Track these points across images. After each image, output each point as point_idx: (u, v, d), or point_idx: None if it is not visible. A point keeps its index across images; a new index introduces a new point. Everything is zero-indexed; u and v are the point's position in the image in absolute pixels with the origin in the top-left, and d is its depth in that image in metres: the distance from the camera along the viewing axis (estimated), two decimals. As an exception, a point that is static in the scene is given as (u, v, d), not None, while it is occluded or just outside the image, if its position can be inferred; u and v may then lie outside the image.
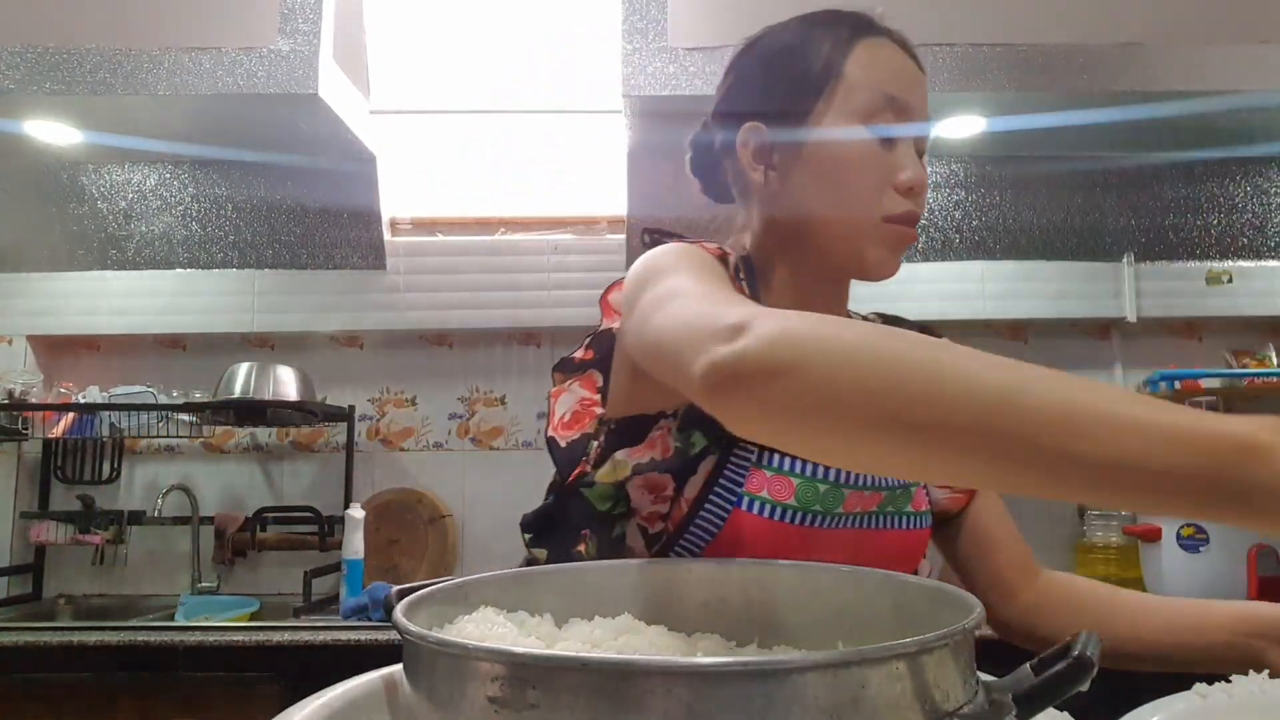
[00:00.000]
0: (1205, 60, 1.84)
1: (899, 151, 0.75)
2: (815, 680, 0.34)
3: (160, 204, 2.33)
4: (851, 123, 0.75)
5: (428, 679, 0.40)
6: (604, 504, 0.76)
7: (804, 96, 0.76)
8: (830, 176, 0.75)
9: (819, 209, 0.76)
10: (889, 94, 0.74)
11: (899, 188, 0.74)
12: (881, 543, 0.78)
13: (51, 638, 1.74)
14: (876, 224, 0.74)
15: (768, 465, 0.73)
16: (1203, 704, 0.63)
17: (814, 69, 0.76)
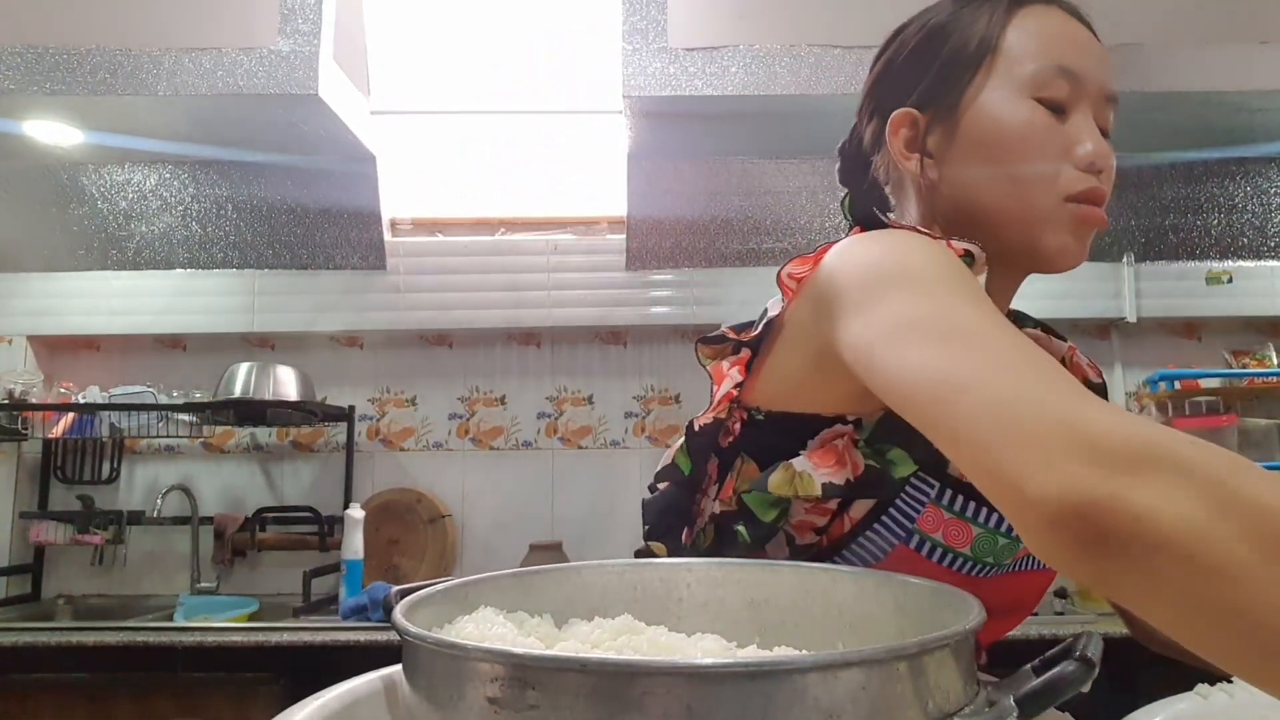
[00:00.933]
0: (1205, 60, 1.84)
1: (1075, 124, 0.67)
2: (815, 680, 0.34)
3: (160, 204, 2.33)
4: (1014, 94, 0.67)
5: (427, 679, 0.40)
6: (768, 514, 0.66)
7: (959, 74, 0.69)
8: (996, 156, 0.67)
9: (987, 193, 0.68)
10: (1059, 64, 0.67)
11: (1078, 163, 0.66)
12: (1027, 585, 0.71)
13: (51, 638, 1.74)
14: (1056, 205, 0.66)
15: (947, 505, 0.63)
16: (1204, 704, 0.64)
17: (969, 44, 0.69)
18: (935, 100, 0.70)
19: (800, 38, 1.83)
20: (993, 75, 0.68)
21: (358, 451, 2.43)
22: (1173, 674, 0.75)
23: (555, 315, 2.43)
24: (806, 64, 1.82)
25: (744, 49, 1.82)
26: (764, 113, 1.91)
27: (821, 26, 1.84)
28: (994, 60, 0.68)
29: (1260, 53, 1.84)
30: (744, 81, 1.81)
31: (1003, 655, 0.65)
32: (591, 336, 2.52)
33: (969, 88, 0.68)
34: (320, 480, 2.46)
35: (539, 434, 2.47)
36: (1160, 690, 0.65)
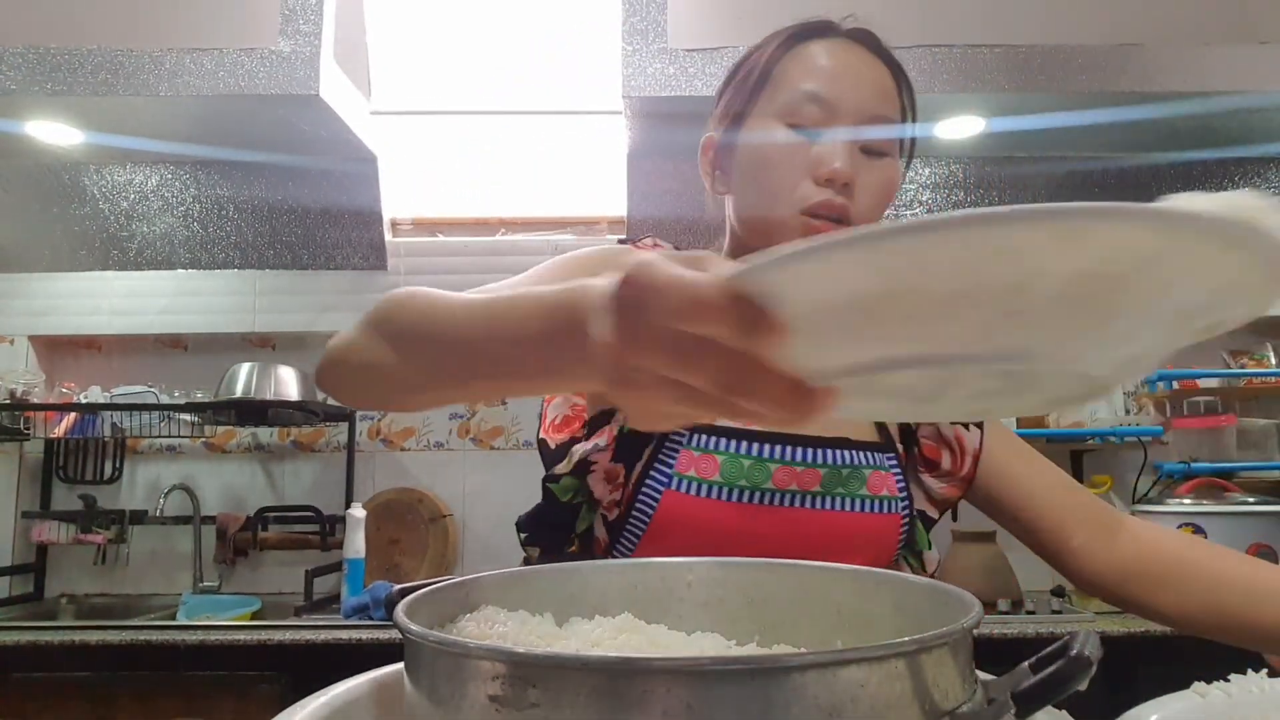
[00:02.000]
0: (1204, 61, 1.84)
1: (823, 145, 0.76)
2: (815, 679, 0.34)
3: (162, 204, 2.33)
4: (772, 121, 0.78)
5: (429, 678, 0.40)
6: (565, 495, 0.79)
7: (741, 101, 0.81)
8: (752, 173, 0.79)
9: (747, 205, 0.80)
10: (811, 91, 0.77)
11: (817, 178, 0.75)
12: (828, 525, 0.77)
13: (53, 637, 1.74)
14: (791, 216, 0.76)
15: (695, 445, 0.75)
16: (1202, 703, 0.64)
17: (751, 75, 0.81)
18: (724, 125, 0.82)
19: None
20: (760, 102, 0.79)
21: (359, 451, 2.43)
22: (1170, 672, 0.76)
23: (556, 315, 2.43)
24: (806, 64, 1.82)
25: (743, 49, 1.82)
26: (764, 113, 1.91)
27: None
28: (764, 90, 0.79)
29: (1260, 53, 1.85)
30: (744, 82, 1.82)
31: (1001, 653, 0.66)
32: (592, 336, 2.52)
33: (745, 114, 0.80)
34: (322, 480, 2.47)
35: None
36: (1157, 688, 0.65)
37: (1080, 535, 0.83)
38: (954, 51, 1.85)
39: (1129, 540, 0.83)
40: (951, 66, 1.84)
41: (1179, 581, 0.80)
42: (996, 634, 1.73)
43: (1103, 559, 0.83)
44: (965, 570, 2.01)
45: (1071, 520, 0.84)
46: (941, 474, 0.86)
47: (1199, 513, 1.90)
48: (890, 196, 0.80)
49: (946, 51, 1.84)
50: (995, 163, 2.28)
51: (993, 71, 1.84)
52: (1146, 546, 0.82)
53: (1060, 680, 0.37)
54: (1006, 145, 2.17)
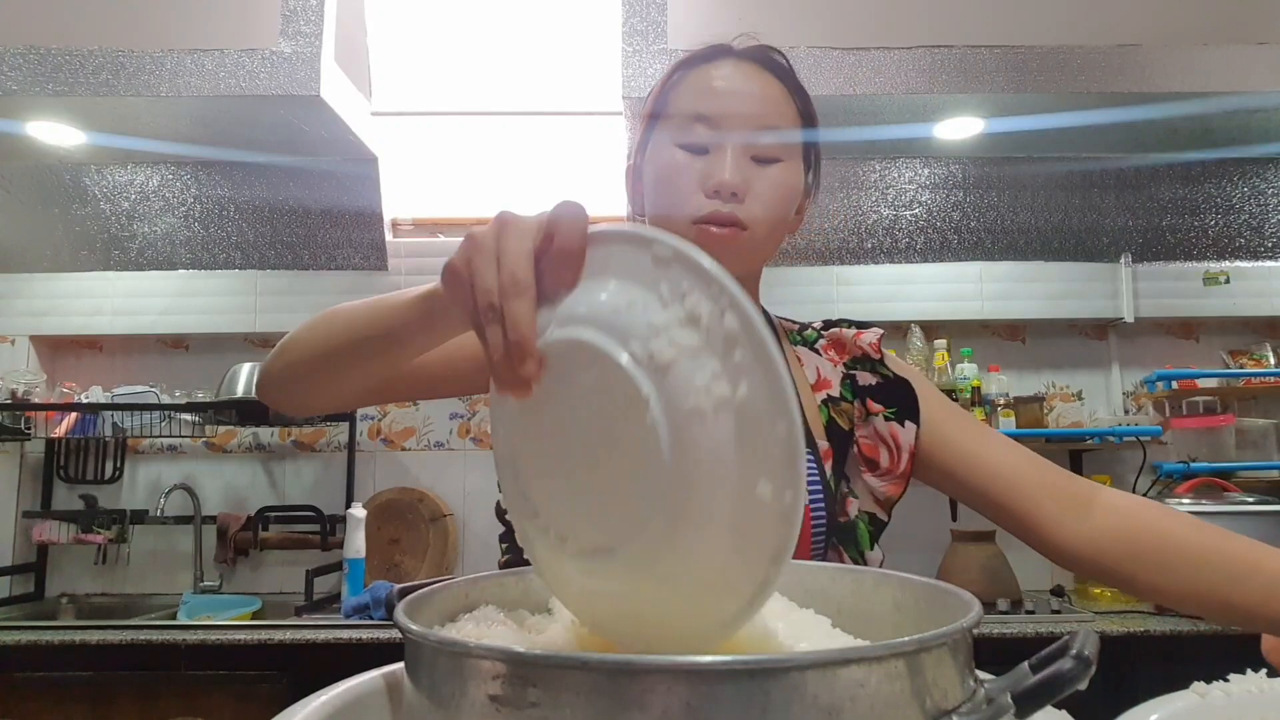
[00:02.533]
0: (1202, 61, 1.85)
1: (712, 160, 0.81)
2: (814, 678, 0.34)
3: (163, 205, 2.33)
4: (667, 144, 0.83)
5: (429, 677, 0.40)
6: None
7: (643, 131, 0.88)
8: (654, 192, 0.86)
9: (655, 223, 0.84)
10: (696, 111, 0.82)
11: (707, 191, 0.80)
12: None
13: (54, 636, 1.74)
14: (686, 227, 0.81)
15: None
16: (1201, 702, 0.64)
17: (650, 104, 0.88)
18: (638, 150, 0.89)
19: (800, 38, 1.83)
20: (659, 129, 0.85)
21: (359, 451, 2.43)
22: (1170, 672, 0.76)
23: (556, 315, 2.43)
24: (806, 64, 1.82)
25: (744, 50, 1.82)
26: (764, 113, 1.91)
27: (821, 27, 1.85)
28: (660, 117, 0.85)
29: (1259, 53, 1.85)
30: (744, 82, 1.82)
31: (1000, 653, 0.66)
32: (592, 336, 2.52)
33: (647, 142, 0.87)
34: (322, 480, 2.47)
35: (540, 434, 2.47)
36: (1157, 688, 0.65)
37: (1050, 508, 0.82)
38: (954, 51, 1.85)
39: (1104, 512, 0.81)
40: (951, 66, 1.84)
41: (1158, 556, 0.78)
42: (996, 634, 1.73)
43: (1073, 531, 0.81)
44: (965, 570, 2.01)
45: (1040, 493, 0.82)
46: (881, 472, 0.87)
47: (1198, 512, 1.90)
48: (785, 199, 0.83)
49: (946, 51, 1.85)
50: (995, 163, 2.28)
51: (993, 71, 1.85)
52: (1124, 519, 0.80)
53: (1060, 680, 0.37)
54: (1006, 145, 2.17)
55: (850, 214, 2.36)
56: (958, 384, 2.33)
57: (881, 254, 2.43)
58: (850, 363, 0.91)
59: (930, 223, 2.39)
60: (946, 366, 2.35)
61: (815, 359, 0.92)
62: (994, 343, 2.51)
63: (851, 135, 2.02)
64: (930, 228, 2.40)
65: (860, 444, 0.88)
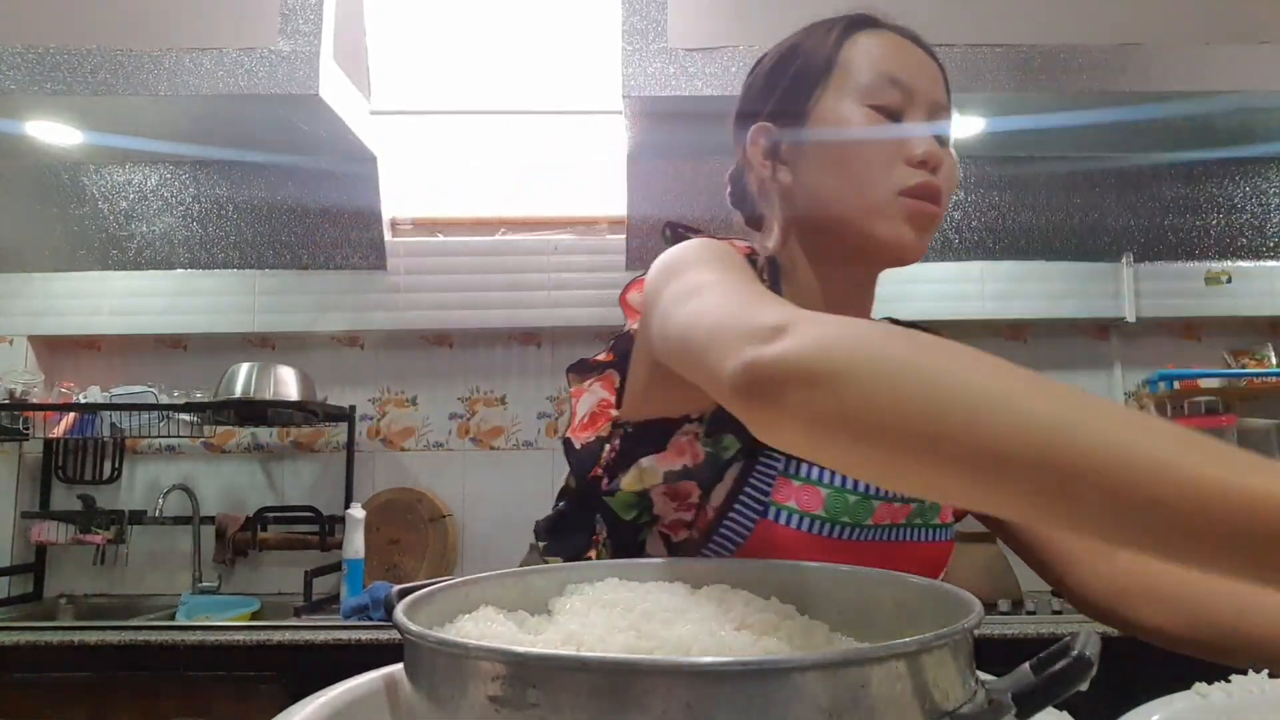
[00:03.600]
0: (1204, 60, 1.84)
1: (905, 129, 0.74)
2: (815, 679, 0.34)
3: (161, 204, 2.33)
4: (853, 105, 0.74)
5: (428, 678, 0.40)
6: (628, 513, 0.73)
7: (805, 88, 0.77)
8: (838, 158, 0.75)
9: (831, 191, 0.75)
10: (891, 75, 0.74)
11: (910, 160, 0.73)
12: (909, 555, 0.75)
13: (52, 637, 1.74)
14: (890, 198, 0.72)
15: (795, 474, 0.70)
16: (1203, 703, 0.64)
17: (813, 62, 0.77)
18: (786, 111, 0.78)
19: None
20: (832, 88, 0.76)
21: (358, 451, 2.43)
22: (1171, 672, 0.76)
23: (555, 315, 2.43)
24: (806, 64, 1.82)
25: (744, 49, 1.82)
26: (764, 113, 1.91)
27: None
28: (833, 75, 0.76)
29: (1260, 53, 1.84)
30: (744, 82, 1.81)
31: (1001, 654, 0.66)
32: (592, 336, 2.52)
33: (814, 98, 0.76)
34: (321, 480, 2.47)
35: (539, 434, 2.47)
36: (1158, 689, 0.65)
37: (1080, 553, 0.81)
38: (954, 51, 1.85)
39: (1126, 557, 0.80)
40: (951, 66, 1.82)
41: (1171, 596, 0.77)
42: (997, 634, 1.73)
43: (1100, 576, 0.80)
44: (966, 570, 2.01)
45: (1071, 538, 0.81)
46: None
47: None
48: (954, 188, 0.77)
49: (947, 51, 1.83)
50: (995, 163, 2.28)
51: (993, 71, 1.84)
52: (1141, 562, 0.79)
53: (1061, 681, 0.37)
54: (1007, 145, 2.17)
55: (850, 214, 2.36)
56: (958, 384, 2.32)
57: (881, 254, 2.43)
58: None
59: (930, 222, 2.39)
60: (946, 366, 2.35)
61: None
62: (995, 343, 2.51)
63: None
64: (930, 227, 2.40)
65: None
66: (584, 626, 0.46)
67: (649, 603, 0.48)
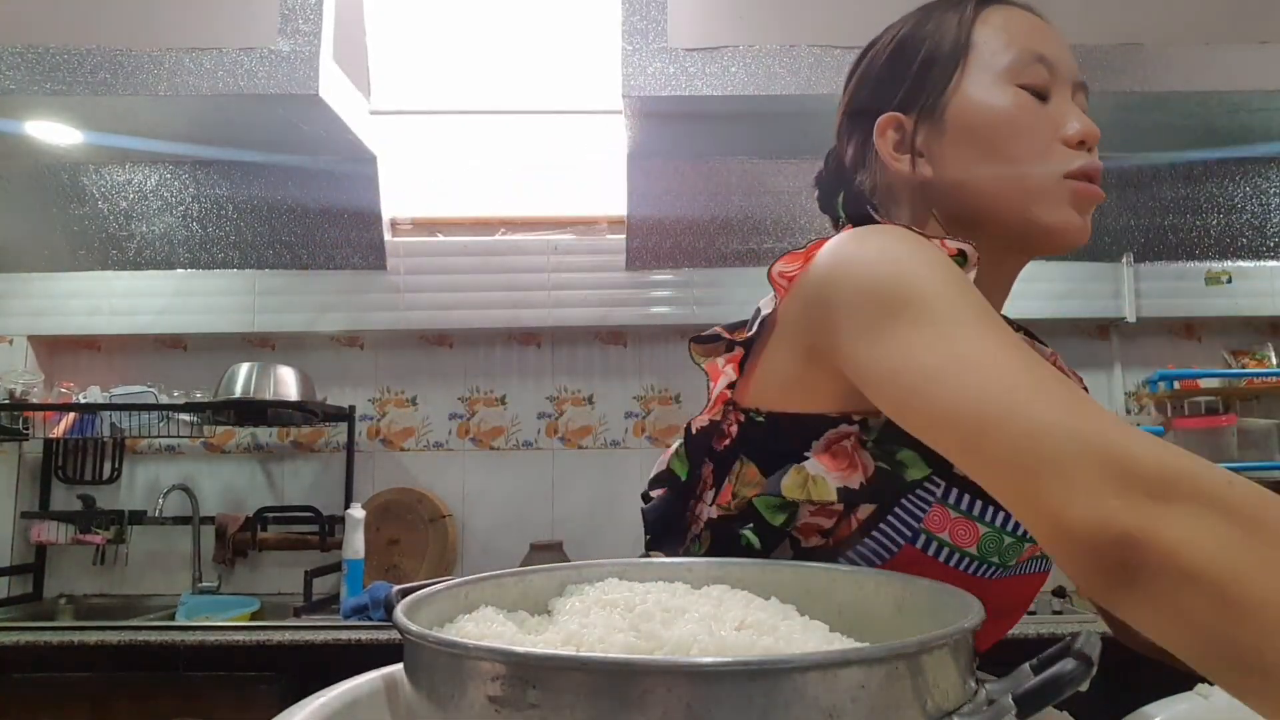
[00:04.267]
0: (1204, 60, 1.84)
1: (1058, 106, 0.69)
2: (815, 679, 0.34)
3: (161, 204, 2.33)
4: (1001, 84, 0.69)
5: (428, 678, 0.40)
6: (777, 517, 0.65)
7: (940, 73, 0.71)
8: (989, 141, 0.69)
9: (985, 179, 0.69)
10: (1035, 51, 0.70)
11: (1069, 140, 0.68)
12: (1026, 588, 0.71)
13: (52, 637, 1.74)
14: (1055, 182, 0.67)
15: (953, 504, 0.63)
16: (1205, 704, 0.64)
17: (944, 45, 0.71)
18: (918, 100, 0.71)
19: (799, 38, 1.83)
20: (971, 70, 0.70)
21: (358, 451, 2.43)
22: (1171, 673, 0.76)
23: (555, 315, 2.43)
24: (806, 64, 1.82)
25: (744, 49, 1.82)
26: (764, 113, 1.91)
27: (820, 26, 1.84)
28: (970, 56, 0.70)
29: (1260, 53, 1.85)
30: (744, 82, 1.82)
31: (1001, 653, 0.66)
32: (592, 336, 2.52)
33: (950, 84, 0.70)
34: (321, 480, 2.47)
35: (539, 434, 2.47)
36: (1159, 690, 0.65)
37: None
38: (954, 51, 1.85)
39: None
40: (951, 66, 1.84)
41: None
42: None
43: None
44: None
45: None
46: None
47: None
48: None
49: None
50: (995, 163, 2.28)
51: (993, 71, 1.84)
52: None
53: (1061, 681, 0.37)
54: (1006, 145, 2.17)
55: (850, 214, 2.36)
56: (958, 384, 2.32)
57: (881, 254, 2.43)
58: None
59: (930, 222, 2.39)
60: (946, 366, 2.35)
61: None
62: (994, 343, 2.51)
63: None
64: (930, 227, 2.40)
65: None
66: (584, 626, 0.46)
67: (649, 603, 0.48)
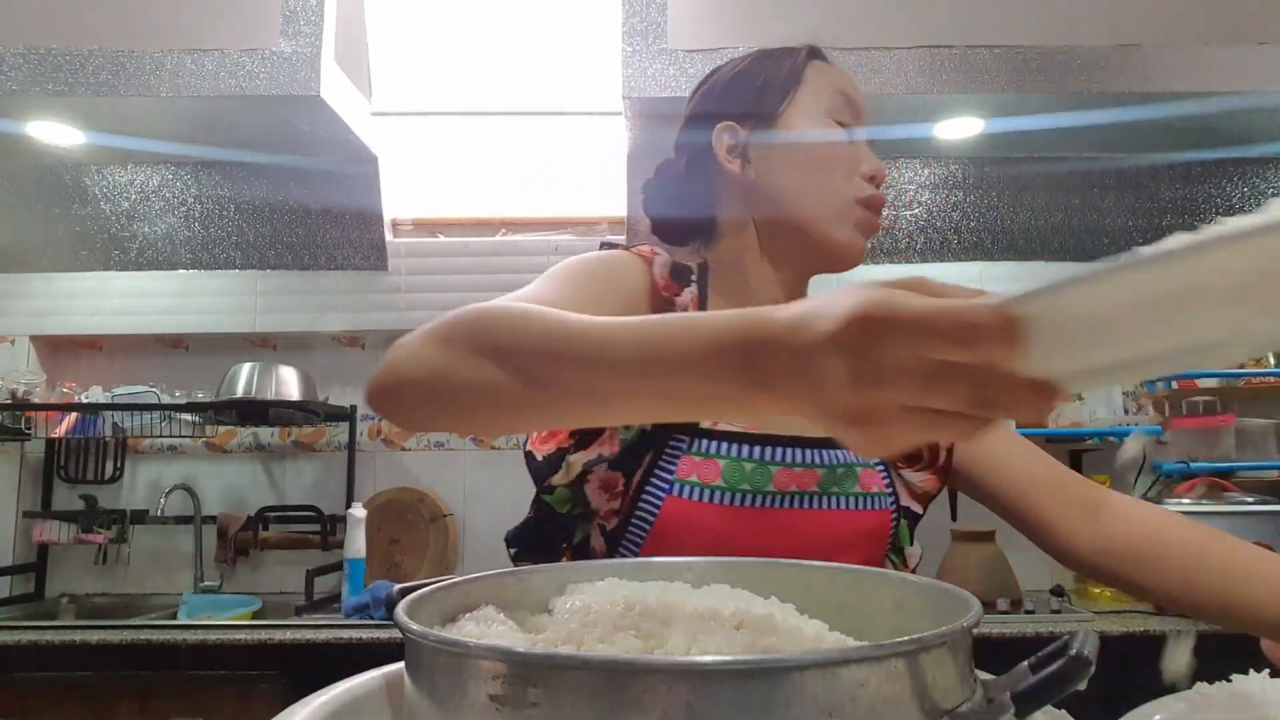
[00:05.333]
0: (1203, 61, 1.84)
1: (858, 145, 0.84)
2: (814, 678, 0.35)
3: (163, 205, 2.33)
4: (819, 117, 0.83)
5: (429, 677, 0.40)
6: (563, 506, 0.80)
7: (776, 94, 0.84)
8: (808, 160, 0.82)
9: (797, 190, 0.82)
10: (849, 96, 0.84)
11: (864, 174, 0.82)
12: (829, 524, 0.78)
13: (54, 637, 1.74)
14: (848, 204, 0.81)
15: (696, 450, 0.76)
16: (1204, 703, 0.64)
17: (778, 76, 0.85)
18: (754, 114, 0.84)
19: (800, 38, 1.83)
20: (799, 99, 0.83)
21: (359, 451, 2.43)
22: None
23: (556, 315, 2.43)
24: (807, 64, 1.82)
25: (744, 50, 1.82)
26: (764, 113, 1.91)
27: (821, 27, 1.84)
28: (800, 88, 0.84)
29: (1259, 53, 1.85)
30: (744, 82, 1.82)
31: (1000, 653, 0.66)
32: (592, 336, 2.52)
33: (784, 104, 0.83)
34: (322, 480, 2.47)
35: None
36: (1157, 689, 0.65)
37: (1062, 512, 0.85)
38: (954, 51, 1.85)
39: (1112, 517, 0.84)
40: (951, 66, 1.84)
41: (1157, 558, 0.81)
42: (996, 634, 1.73)
43: (1084, 536, 0.84)
44: (965, 570, 2.01)
45: (1052, 498, 0.85)
46: (921, 466, 0.87)
47: (1198, 513, 1.90)
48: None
49: (946, 51, 1.84)
50: (994, 163, 2.28)
51: (992, 71, 1.84)
52: (1129, 524, 0.83)
53: (1060, 680, 0.37)
54: (1006, 145, 2.17)
55: (850, 214, 2.36)
56: (958, 384, 2.32)
57: (882, 254, 2.43)
58: None
59: (930, 223, 2.39)
60: (947, 366, 2.35)
61: None
62: (994, 343, 2.51)
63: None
64: (930, 228, 2.40)
65: None
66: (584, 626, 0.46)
67: (649, 600, 0.49)
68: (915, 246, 2.42)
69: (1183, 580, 0.79)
